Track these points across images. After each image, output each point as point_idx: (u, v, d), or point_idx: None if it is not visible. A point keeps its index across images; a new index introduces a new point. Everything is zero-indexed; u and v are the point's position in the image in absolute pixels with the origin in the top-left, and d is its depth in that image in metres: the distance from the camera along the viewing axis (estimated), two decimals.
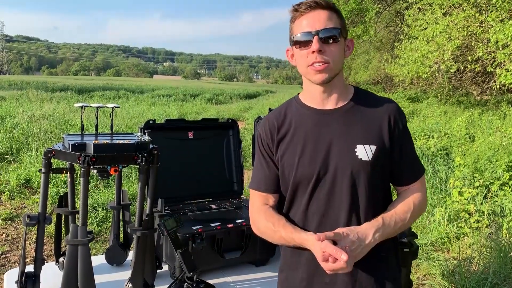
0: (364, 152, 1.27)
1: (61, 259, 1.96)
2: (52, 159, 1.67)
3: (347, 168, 1.27)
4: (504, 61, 7.67)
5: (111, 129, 2.00)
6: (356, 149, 1.28)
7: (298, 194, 1.35)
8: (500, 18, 7.89)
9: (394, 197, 1.39)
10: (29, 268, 1.72)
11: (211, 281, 1.85)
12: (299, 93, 1.43)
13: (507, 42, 7.24)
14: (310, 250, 1.24)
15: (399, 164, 1.33)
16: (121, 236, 2.12)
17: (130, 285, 1.69)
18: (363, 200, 1.29)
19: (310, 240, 1.22)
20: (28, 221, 1.68)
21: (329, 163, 1.29)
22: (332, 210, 1.30)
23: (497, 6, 7.93)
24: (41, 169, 1.68)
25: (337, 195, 1.29)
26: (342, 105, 1.33)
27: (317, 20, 1.24)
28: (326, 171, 1.29)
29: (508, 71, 7.53)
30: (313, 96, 1.35)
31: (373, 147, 1.28)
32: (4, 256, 3.96)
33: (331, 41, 1.24)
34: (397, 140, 1.31)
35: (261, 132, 1.41)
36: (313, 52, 1.23)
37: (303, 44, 1.26)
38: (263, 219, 1.37)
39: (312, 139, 1.32)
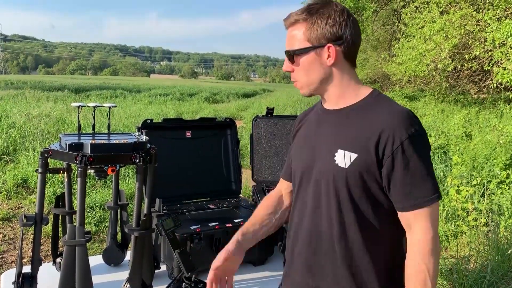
0: (342, 158, 1.19)
1: (58, 260, 1.95)
2: (49, 159, 1.66)
3: (324, 171, 1.23)
4: (501, 60, 7.68)
5: (108, 129, 1.99)
6: (336, 153, 1.21)
7: (294, 190, 1.40)
8: (497, 16, 7.90)
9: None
10: (26, 268, 1.71)
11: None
12: None
13: (503, 41, 7.26)
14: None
15: (395, 185, 1.16)
16: (119, 236, 2.11)
17: (128, 285, 1.68)
18: (335, 211, 1.21)
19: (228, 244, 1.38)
20: (24, 221, 1.67)
21: (314, 164, 1.27)
22: (310, 212, 1.28)
23: (494, 4, 7.95)
24: (38, 169, 1.67)
25: (314, 198, 1.27)
26: (343, 106, 1.26)
27: (287, 39, 1.26)
28: (310, 171, 1.29)
29: (505, 69, 7.55)
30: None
31: (354, 155, 1.17)
32: (0, 256, 3.94)
33: (295, 59, 1.25)
34: (388, 156, 1.14)
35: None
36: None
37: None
38: (259, 204, 1.54)
39: (309, 137, 1.34)
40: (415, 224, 1.16)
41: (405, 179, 1.15)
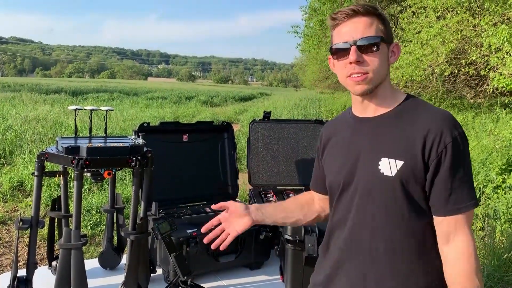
0: (388, 166, 1.16)
1: (54, 263, 1.95)
2: (45, 162, 1.66)
3: (367, 181, 1.20)
4: (497, 65, 7.72)
5: (105, 132, 1.99)
6: (380, 162, 1.17)
7: (331, 202, 1.36)
8: (493, 22, 7.95)
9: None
10: (22, 272, 1.71)
11: (205, 285, 1.84)
12: None
13: (499, 46, 7.29)
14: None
15: (436, 188, 1.14)
16: (115, 239, 2.11)
17: None
18: (382, 220, 1.19)
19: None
20: (20, 224, 1.67)
21: (354, 173, 1.23)
22: (354, 223, 1.25)
23: (490, 10, 7.99)
24: (34, 172, 1.67)
25: (358, 209, 1.23)
26: (382, 113, 1.23)
27: (355, 28, 1.17)
28: (350, 181, 1.24)
29: (501, 74, 7.58)
30: (354, 104, 1.30)
31: (400, 163, 1.14)
32: None
33: (370, 50, 1.16)
34: (434, 159, 1.12)
35: (319, 136, 1.47)
36: (351, 63, 1.17)
37: (340, 54, 1.20)
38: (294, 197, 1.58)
39: (346, 147, 1.29)
40: (456, 233, 1.14)
41: (447, 183, 1.13)
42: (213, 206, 1.41)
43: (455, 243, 1.14)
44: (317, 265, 1.41)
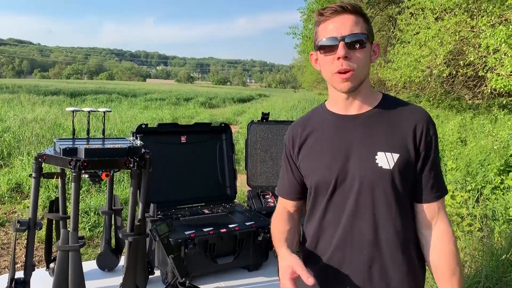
0: (385, 160, 1.21)
1: (51, 265, 1.94)
2: (43, 163, 1.66)
3: (366, 176, 1.23)
4: (495, 66, 7.74)
5: (103, 134, 1.99)
6: (376, 156, 1.22)
7: (317, 202, 1.34)
8: (491, 23, 7.96)
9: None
10: (19, 274, 1.70)
11: (203, 286, 1.84)
12: (326, 100, 1.41)
13: (497, 47, 7.31)
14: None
15: (423, 177, 1.25)
16: (113, 241, 2.11)
17: None
18: (383, 212, 1.23)
19: (281, 253, 1.26)
20: (18, 226, 1.66)
21: (348, 170, 1.25)
22: (352, 219, 1.26)
23: (488, 11, 8.01)
24: (32, 174, 1.67)
25: (356, 204, 1.25)
26: (366, 110, 1.28)
27: (343, 25, 1.19)
28: (344, 178, 1.25)
29: (499, 75, 7.60)
30: (337, 101, 1.31)
31: (396, 155, 1.21)
32: None
33: (357, 46, 1.19)
34: (423, 150, 1.23)
35: (285, 139, 1.43)
36: (339, 58, 1.19)
37: (328, 49, 1.21)
38: (274, 221, 1.45)
39: (332, 145, 1.29)
40: (439, 215, 1.26)
41: (432, 171, 1.25)
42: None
43: (437, 226, 1.26)
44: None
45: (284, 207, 1.48)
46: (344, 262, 1.29)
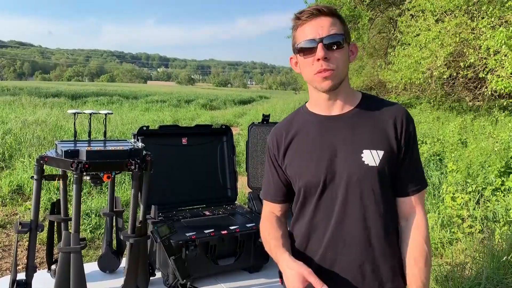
0: (371, 157, 1.25)
1: (53, 267, 1.95)
2: (44, 165, 1.66)
3: (353, 174, 1.25)
4: (496, 67, 7.74)
5: (104, 136, 2.00)
6: (362, 155, 1.25)
7: (306, 203, 1.35)
8: (492, 25, 7.97)
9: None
10: (21, 276, 1.71)
11: None
12: (306, 102, 1.43)
13: (498, 49, 7.32)
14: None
15: (403, 171, 1.29)
16: (114, 243, 2.11)
17: None
18: (372, 208, 1.26)
19: (285, 260, 1.26)
20: (20, 228, 1.67)
21: (335, 169, 1.27)
22: (342, 218, 1.28)
23: (488, 13, 8.02)
24: (33, 176, 1.67)
25: (345, 202, 1.27)
26: (348, 110, 1.31)
27: (321, 27, 1.22)
28: (332, 178, 1.28)
29: (499, 77, 7.61)
30: (318, 103, 1.34)
31: (381, 152, 1.25)
32: None
33: (335, 47, 1.22)
34: (404, 145, 1.27)
35: (269, 142, 1.43)
36: (318, 59, 1.21)
37: (307, 51, 1.24)
38: (264, 227, 1.44)
39: (318, 146, 1.31)
40: (416, 208, 1.30)
41: (411, 165, 1.30)
42: None
43: (412, 218, 1.30)
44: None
45: (270, 212, 1.47)
46: (336, 261, 1.31)
